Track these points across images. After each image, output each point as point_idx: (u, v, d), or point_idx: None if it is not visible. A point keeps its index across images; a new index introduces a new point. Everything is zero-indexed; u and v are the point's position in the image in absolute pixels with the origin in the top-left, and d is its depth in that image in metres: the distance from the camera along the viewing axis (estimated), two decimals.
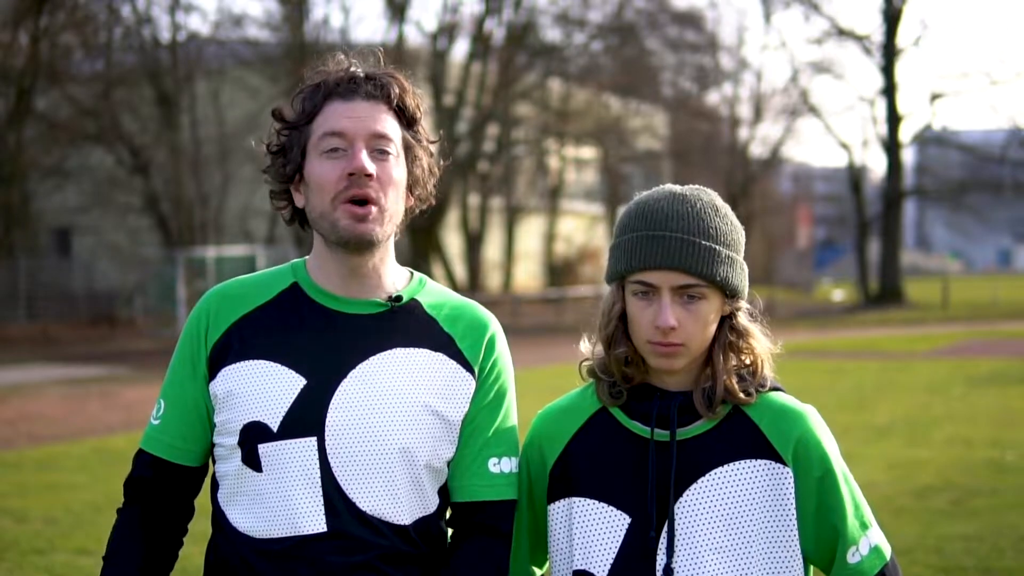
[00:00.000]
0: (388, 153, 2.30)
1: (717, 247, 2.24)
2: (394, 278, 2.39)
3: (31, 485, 9.83)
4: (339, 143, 2.27)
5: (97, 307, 32.29)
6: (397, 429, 2.28)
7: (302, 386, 2.28)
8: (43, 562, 7.25)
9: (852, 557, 2.28)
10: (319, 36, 34.35)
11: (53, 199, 33.31)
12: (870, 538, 2.30)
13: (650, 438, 2.28)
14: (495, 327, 2.42)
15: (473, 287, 37.77)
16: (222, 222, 34.44)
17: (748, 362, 2.31)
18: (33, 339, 27.71)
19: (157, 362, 21.52)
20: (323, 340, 2.31)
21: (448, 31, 36.67)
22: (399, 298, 2.36)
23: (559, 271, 44.78)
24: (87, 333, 29.35)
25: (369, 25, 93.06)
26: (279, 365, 2.30)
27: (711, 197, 2.30)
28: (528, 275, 45.49)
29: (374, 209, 2.27)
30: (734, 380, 2.27)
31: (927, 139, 45.94)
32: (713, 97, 49.15)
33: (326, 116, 2.30)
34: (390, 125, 2.31)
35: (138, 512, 2.38)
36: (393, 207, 2.31)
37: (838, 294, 51.77)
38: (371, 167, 2.26)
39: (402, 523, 2.29)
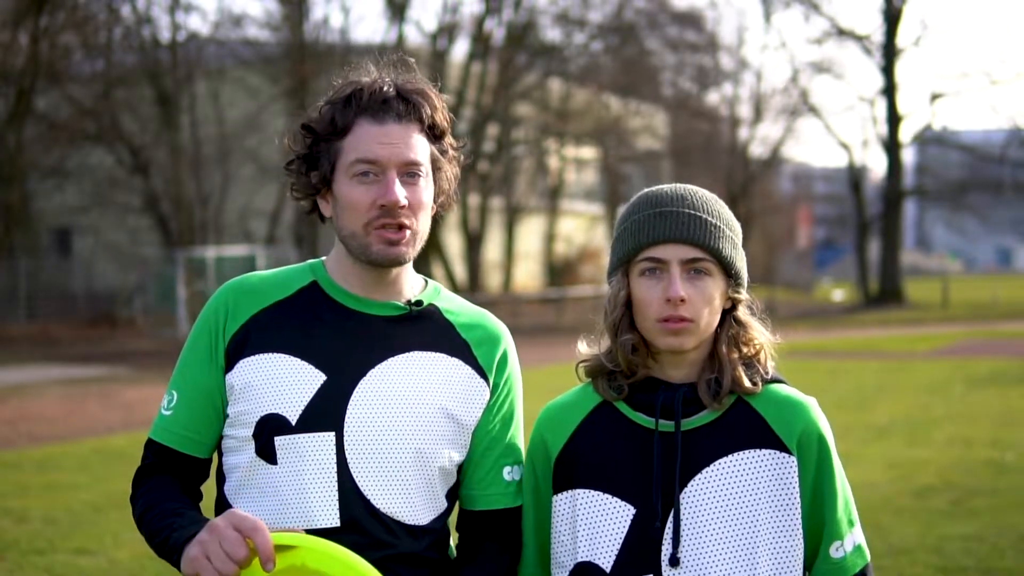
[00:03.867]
0: (419, 175, 2.32)
1: (722, 226, 2.30)
2: (412, 285, 2.42)
3: (31, 485, 9.82)
4: (371, 169, 2.29)
5: (97, 307, 32.29)
6: (414, 431, 2.31)
7: (322, 381, 2.29)
8: (43, 562, 7.25)
9: (835, 552, 2.28)
10: (319, 36, 34.35)
11: (53, 199, 33.31)
12: (855, 536, 2.31)
13: (654, 429, 2.29)
14: (508, 339, 2.46)
15: (473, 287, 37.75)
16: (222, 222, 34.43)
17: (751, 353, 2.34)
18: (33, 339, 27.69)
19: (157, 362, 21.51)
20: (343, 338, 2.33)
21: (448, 31, 36.63)
22: (419, 302, 2.39)
23: (559, 271, 44.77)
24: (87, 333, 29.33)
25: (369, 25, 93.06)
26: (298, 359, 2.31)
27: (713, 194, 2.37)
28: (528, 275, 45.47)
29: (407, 233, 2.30)
30: (741, 370, 2.30)
31: (927, 139, 45.96)
32: (713, 97, 49.23)
33: (358, 137, 2.30)
34: (421, 148, 2.33)
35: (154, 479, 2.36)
36: (423, 228, 2.34)
37: (838, 294, 51.77)
38: (403, 198, 2.28)
39: (414, 523, 2.31)
